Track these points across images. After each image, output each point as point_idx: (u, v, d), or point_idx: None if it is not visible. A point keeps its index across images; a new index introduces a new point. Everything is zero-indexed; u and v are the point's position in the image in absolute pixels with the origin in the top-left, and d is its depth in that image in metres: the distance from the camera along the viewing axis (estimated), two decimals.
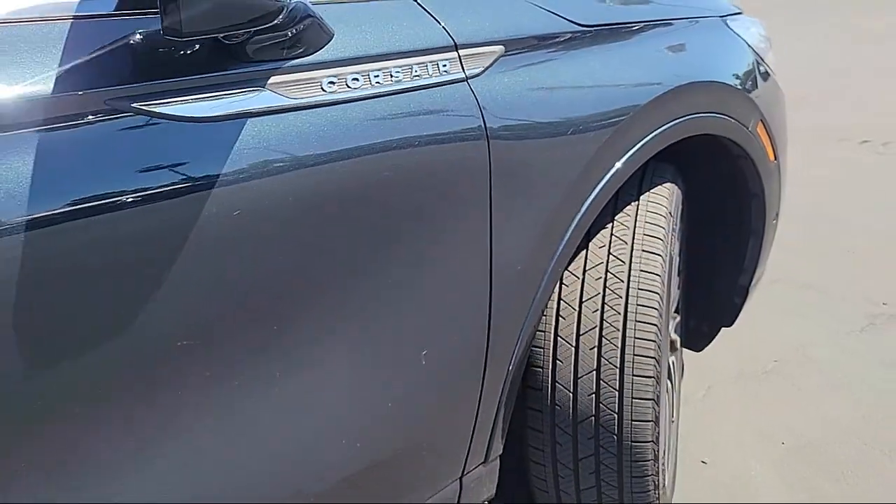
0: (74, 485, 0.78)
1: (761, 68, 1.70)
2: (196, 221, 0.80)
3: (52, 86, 0.72)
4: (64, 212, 0.71)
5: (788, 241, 3.00)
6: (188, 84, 0.81)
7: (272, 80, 0.86)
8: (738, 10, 1.81)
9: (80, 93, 0.74)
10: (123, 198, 0.75)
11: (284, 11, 0.78)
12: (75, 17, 0.77)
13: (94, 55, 0.76)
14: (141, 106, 0.77)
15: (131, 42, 0.78)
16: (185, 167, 0.80)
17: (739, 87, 1.55)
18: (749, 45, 1.68)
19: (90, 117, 0.74)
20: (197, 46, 0.81)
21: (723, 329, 2.04)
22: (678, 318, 1.83)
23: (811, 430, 1.96)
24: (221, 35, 0.78)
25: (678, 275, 1.73)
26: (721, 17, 1.68)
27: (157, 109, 0.78)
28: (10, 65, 0.72)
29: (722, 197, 1.79)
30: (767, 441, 1.93)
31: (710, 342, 2.03)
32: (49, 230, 0.71)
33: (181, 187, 0.79)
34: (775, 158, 1.72)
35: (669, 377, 1.72)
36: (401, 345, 1.06)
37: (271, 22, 0.78)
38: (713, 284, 1.92)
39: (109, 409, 0.79)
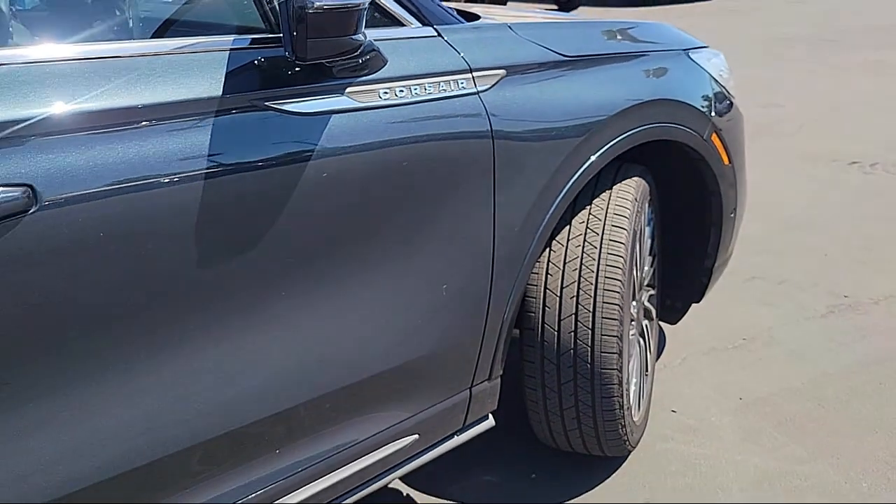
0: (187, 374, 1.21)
1: (717, 90, 2.14)
2: (298, 180, 1.26)
3: (221, 90, 1.19)
4: (226, 167, 1.17)
5: (770, 245, 3.42)
6: (297, 91, 1.27)
7: (348, 89, 1.32)
8: (703, 45, 2.26)
9: (235, 94, 1.20)
10: (256, 162, 1.21)
11: (361, 47, 1.25)
12: (232, 49, 1.23)
13: (244, 71, 1.22)
14: (270, 104, 1.23)
15: (265, 63, 1.25)
16: (293, 145, 1.26)
17: (693, 104, 1.99)
18: (707, 72, 2.12)
19: (241, 111, 1.20)
20: (305, 67, 1.27)
21: (693, 306, 2.46)
22: (653, 292, 2.25)
23: (766, 390, 2.36)
24: (325, 61, 1.24)
25: (650, 254, 2.16)
26: (684, 49, 2.12)
27: (279, 107, 1.24)
28: (199, 77, 1.18)
29: (688, 194, 2.22)
30: (728, 397, 2.33)
31: (682, 316, 2.44)
32: (217, 180, 1.16)
33: (289, 158, 1.25)
34: (730, 163, 2.15)
35: (643, 335, 2.14)
36: (429, 280, 1.51)
37: (353, 54, 1.25)
38: (684, 267, 2.33)
39: (230, 312, 1.23)
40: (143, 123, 1.11)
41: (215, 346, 1.22)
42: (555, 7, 12.80)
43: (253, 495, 1.33)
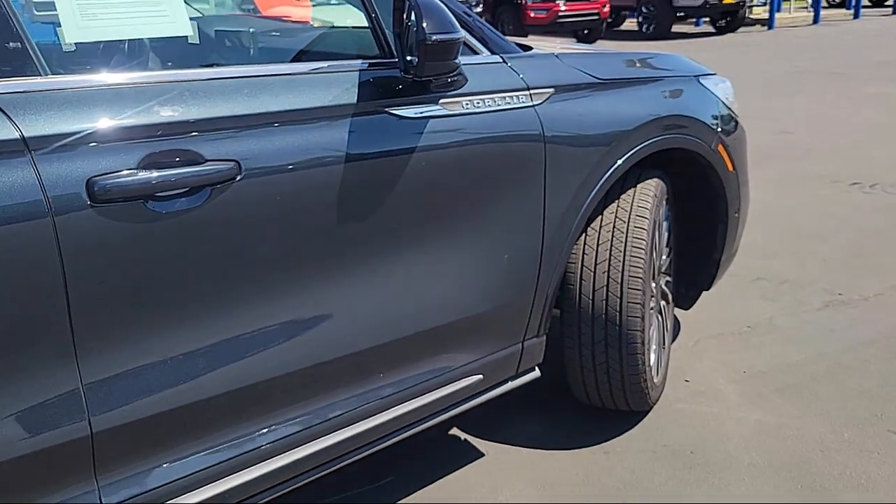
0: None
1: (723, 110, 2.58)
2: (406, 166, 1.70)
3: (355, 98, 1.64)
4: (359, 154, 1.62)
5: (774, 251, 3.83)
6: (405, 101, 1.72)
7: (441, 100, 1.77)
8: (711, 73, 2.70)
9: (364, 102, 1.65)
10: (378, 150, 1.66)
11: (457, 68, 1.71)
12: (360, 70, 1.69)
13: (368, 86, 1.68)
14: (387, 110, 1.69)
15: (382, 80, 1.71)
16: (403, 140, 1.71)
17: (702, 119, 2.43)
18: (714, 95, 2.57)
19: (368, 114, 1.66)
20: (411, 83, 1.72)
21: (705, 299, 2.88)
22: (669, 279, 2.67)
23: (766, 366, 2.76)
24: (425, 78, 1.70)
25: (667, 246, 2.58)
26: (695, 76, 2.57)
27: (393, 112, 1.70)
28: (340, 89, 1.64)
29: (699, 196, 2.64)
30: (733, 371, 2.74)
31: (694, 302, 2.86)
32: (352, 163, 1.61)
33: (399, 149, 1.70)
34: (733, 170, 2.58)
35: (661, 313, 2.56)
36: (495, 250, 1.95)
37: (450, 73, 1.70)
38: (695, 259, 2.75)
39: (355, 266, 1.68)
40: (304, 120, 1.57)
41: (345, 289, 1.66)
42: (574, 40, 13.36)
43: (365, 406, 1.76)
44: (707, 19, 16.29)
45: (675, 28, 15.56)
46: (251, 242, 1.50)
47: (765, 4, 16.71)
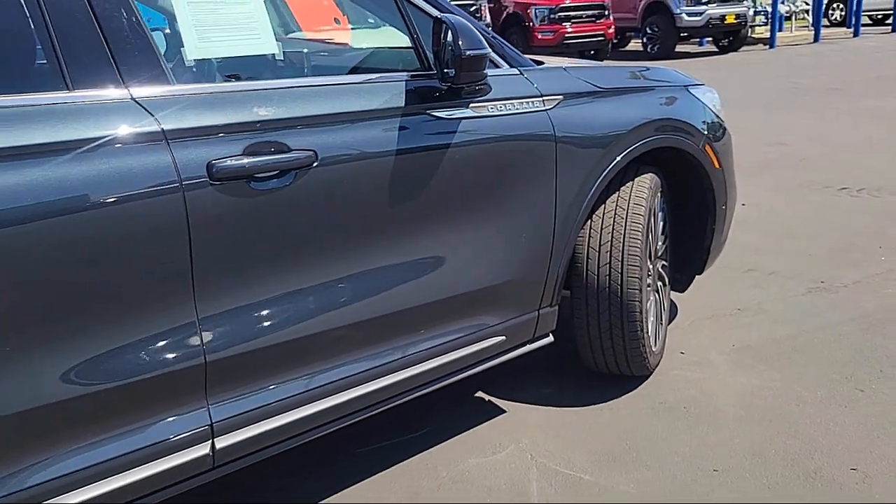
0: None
1: (709, 114, 2.97)
2: (443, 157, 2.10)
3: (403, 102, 2.04)
4: (408, 147, 2.02)
5: (766, 248, 4.20)
6: (442, 105, 2.12)
7: (471, 104, 2.18)
8: (700, 83, 3.10)
9: (410, 105, 2.05)
10: (422, 144, 2.06)
11: (485, 78, 2.11)
12: (406, 80, 2.09)
13: (413, 92, 2.08)
14: (428, 112, 2.09)
15: (423, 88, 2.11)
16: (441, 137, 2.11)
17: (691, 122, 2.82)
18: (701, 102, 2.96)
19: (413, 115, 2.06)
20: (446, 90, 2.12)
21: (699, 287, 3.26)
22: (665, 263, 3.04)
23: (754, 341, 3.12)
24: (460, 85, 2.10)
25: (662, 233, 2.96)
26: (685, 86, 2.97)
27: (433, 113, 2.10)
28: (391, 95, 2.04)
29: (691, 190, 3.02)
30: (724, 345, 3.10)
31: (688, 286, 3.23)
32: (402, 156, 2.01)
33: (438, 143, 2.10)
34: (720, 167, 2.96)
35: (658, 291, 2.93)
36: (515, 229, 2.34)
37: (480, 82, 2.10)
38: (689, 247, 3.13)
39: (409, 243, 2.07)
40: (363, 119, 1.98)
41: (396, 256, 2.06)
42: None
43: (411, 356, 2.14)
44: (710, 39, 16.72)
45: (679, 48, 16.01)
46: (325, 215, 1.90)
47: (766, 24, 17.14)
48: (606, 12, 14.78)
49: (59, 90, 1.60)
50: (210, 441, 1.81)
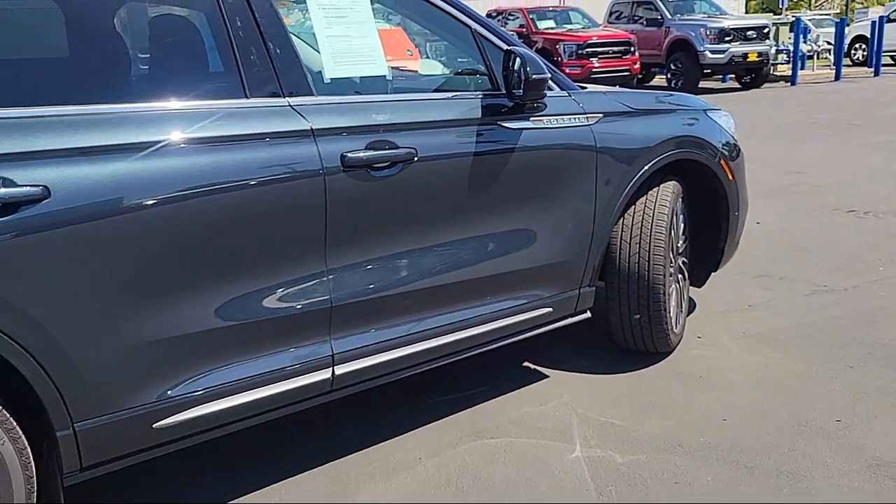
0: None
1: (725, 135, 3.52)
2: (508, 160, 2.67)
3: (480, 115, 2.62)
4: (482, 151, 2.59)
5: (777, 258, 4.71)
6: (509, 118, 2.70)
7: (531, 118, 2.75)
8: (717, 108, 3.65)
9: (483, 117, 2.63)
10: (493, 149, 2.63)
11: (545, 97, 2.69)
12: (480, 97, 2.67)
13: (486, 107, 2.65)
14: (498, 122, 2.67)
15: (494, 104, 2.68)
16: (508, 143, 2.68)
17: (708, 140, 3.36)
18: (717, 123, 3.51)
19: (486, 125, 2.63)
20: (512, 106, 2.69)
21: (714, 288, 3.79)
22: (685, 259, 3.57)
23: (762, 330, 3.63)
24: (525, 102, 2.67)
25: (683, 234, 3.49)
26: (703, 109, 3.53)
27: (502, 124, 2.67)
28: (470, 108, 2.62)
29: (708, 198, 3.55)
30: (735, 332, 3.61)
31: (705, 282, 3.75)
32: (479, 157, 2.58)
33: (505, 148, 2.67)
34: (733, 179, 3.50)
35: (678, 281, 3.45)
36: (563, 220, 2.89)
37: (540, 100, 2.68)
38: (706, 247, 3.65)
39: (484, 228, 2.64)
40: (449, 126, 2.55)
41: (473, 234, 2.62)
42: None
43: (479, 316, 2.69)
44: (733, 76, 17.28)
45: (702, 84, 16.57)
46: (422, 198, 2.47)
47: (789, 62, 17.68)
48: (632, 49, 15.43)
49: (241, 97, 2.19)
50: (331, 368, 2.37)
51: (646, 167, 3.11)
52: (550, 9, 17.88)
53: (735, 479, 2.46)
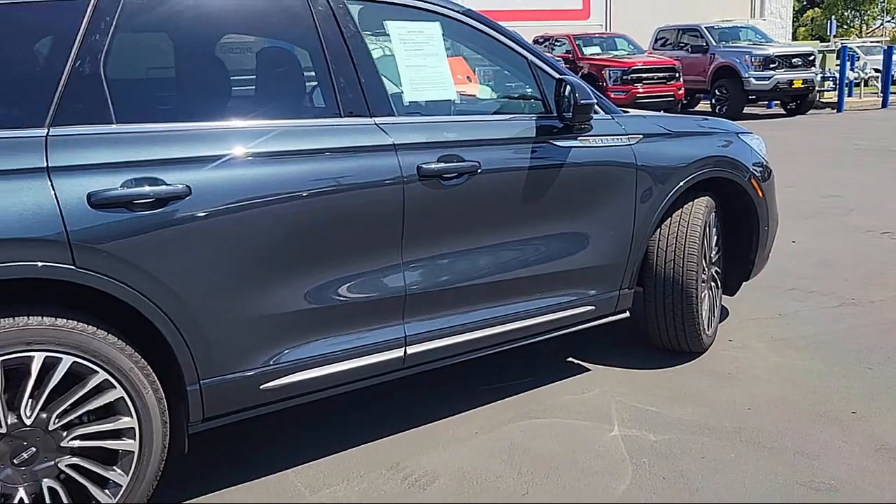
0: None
1: (755, 156, 3.86)
2: (559, 173, 3.07)
3: (534, 134, 3.03)
4: (537, 165, 3.00)
5: (808, 274, 4.99)
6: (559, 137, 3.09)
7: (579, 138, 3.14)
8: (749, 131, 4.00)
9: (537, 136, 3.03)
10: (546, 164, 3.03)
11: (591, 119, 3.08)
12: (535, 119, 3.08)
13: (540, 128, 3.05)
14: (549, 141, 3.06)
15: (546, 125, 3.08)
16: (558, 159, 3.07)
17: (740, 160, 3.71)
18: (749, 145, 3.85)
19: (540, 143, 3.03)
20: (562, 127, 3.09)
21: (746, 299, 4.11)
22: (718, 269, 3.90)
23: (789, 335, 3.93)
24: (574, 124, 3.07)
25: (716, 245, 3.82)
26: (735, 132, 3.88)
27: (553, 142, 3.07)
28: (526, 128, 3.03)
29: (741, 213, 3.89)
30: (764, 337, 3.92)
31: (737, 290, 4.07)
32: (534, 171, 2.98)
33: (556, 163, 3.07)
34: (762, 196, 3.83)
35: (711, 288, 3.79)
36: (606, 228, 3.27)
37: (587, 122, 3.08)
38: (738, 258, 3.98)
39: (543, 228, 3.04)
40: (507, 143, 2.96)
41: (528, 237, 3.02)
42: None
43: (532, 309, 3.07)
44: (778, 102, 17.42)
45: (747, 110, 16.76)
46: (484, 205, 2.87)
47: (835, 89, 17.75)
48: (677, 75, 15.72)
49: (337, 117, 2.63)
50: (403, 348, 2.77)
51: (681, 183, 3.47)
52: (596, 35, 18.27)
53: (755, 456, 2.78)
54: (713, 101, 16.65)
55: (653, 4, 20.31)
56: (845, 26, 44.37)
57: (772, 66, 15.90)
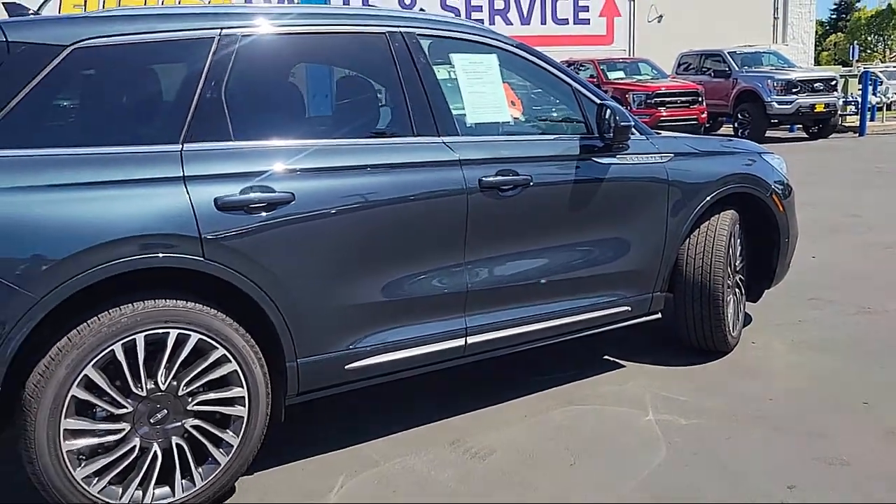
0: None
1: (776, 174, 4.23)
2: (599, 187, 3.47)
3: (578, 151, 3.44)
4: (581, 178, 3.40)
5: (829, 285, 5.33)
6: (600, 155, 3.50)
7: (617, 156, 3.54)
8: (770, 152, 4.38)
9: (580, 153, 3.44)
10: (588, 178, 3.44)
11: (630, 140, 3.49)
12: (579, 139, 3.49)
13: (582, 146, 3.46)
14: (591, 158, 3.47)
15: (588, 144, 3.49)
16: (599, 174, 3.48)
17: (762, 177, 4.09)
18: (771, 164, 4.23)
19: (583, 160, 3.44)
20: (603, 146, 3.50)
21: (769, 307, 4.47)
22: (742, 277, 4.26)
23: (809, 339, 4.28)
24: (614, 143, 3.48)
25: (740, 255, 4.19)
26: (758, 152, 4.27)
27: (594, 159, 3.48)
28: (570, 147, 3.43)
29: (763, 226, 4.25)
30: (785, 339, 4.27)
31: (760, 297, 4.43)
32: (579, 185, 3.39)
33: (597, 177, 3.47)
34: (783, 211, 4.20)
35: (735, 294, 4.15)
36: (641, 236, 3.66)
37: (626, 142, 3.48)
38: (760, 268, 4.34)
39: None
40: (555, 160, 3.38)
41: (571, 241, 3.41)
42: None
43: (573, 307, 3.46)
44: (800, 125, 17.71)
45: (769, 133, 17.07)
46: (535, 213, 3.28)
47: (857, 113, 18.02)
48: (700, 98, 16.09)
49: (409, 136, 3.06)
50: (464, 338, 3.17)
51: (708, 198, 3.86)
52: (620, 60, 18.71)
53: (775, 437, 3.14)
54: (735, 125, 16.97)
55: (676, 30, 20.74)
56: (868, 51, 44.53)
57: (794, 90, 16.21)
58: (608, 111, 3.41)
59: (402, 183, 2.96)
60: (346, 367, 2.91)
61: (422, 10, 18.50)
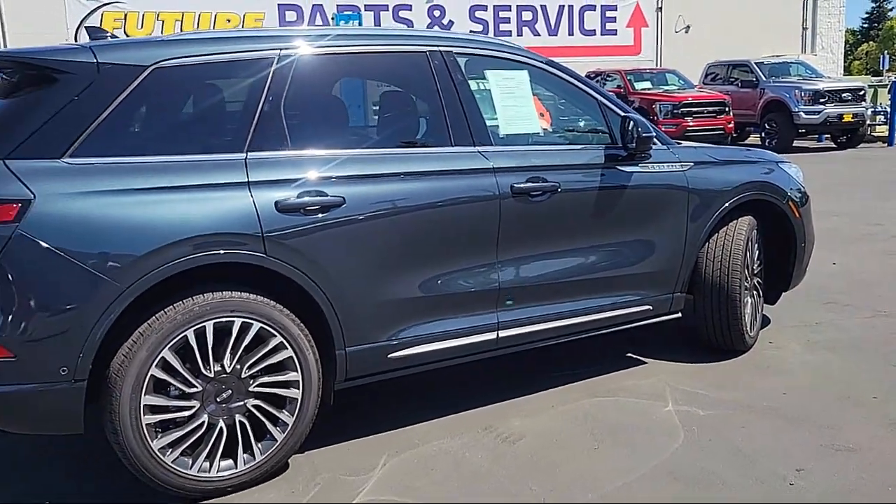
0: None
1: (793, 182, 4.45)
2: (623, 193, 3.73)
3: (602, 160, 3.70)
4: (605, 185, 3.66)
5: (846, 290, 5.51)
6: (623, 163, 3.75)
7: (640, 164, 3.80)
8: (787, 161, 4.60)
9: (606, 162, 3.70)
10: (613, 185, 3.70)
11: (651, 149, 3.75)
12: (603, 149, 3.75)
13: (608, 155, 3.73)
14: (615, 167, 3.73)
15: (612, 153, 3.75)
16: (623, 181, 3.73)
17: (778, 185, 4.31)
18: (787, 173, 4.45)
19: (608, 168, 3.70)
20: (626, 155, 3.75)
21: (787, 309, 4.68)
22: (759, 280, 4.47)
23: (825, 340, 4.48)
24: (636, 153, 3.73)
25: (757, 259, 4.41)
26: (776, 161, 4.49)
27: (618, 168, 3.74)
28: (594, 156, 3.70)
29: (780, 232, 4.47)
30: (801, 339, 4.47)
31: (777, 300, 4.64)
32: (604, 191, 3.65)
33: (621, 185, 3.73)
34: (799, 217, 4.41)
35: (752, 296, 4.37)
36: (662, 239, 3.91)
37: (647, 151, 3.74)
38: (778, 271, 4.56)
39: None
40: (581, 168, 3.64)
41: (595, 244, 3.68)
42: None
43: (596, 304, 3.72)
44: (828, 136, 17.72)
45: (797, 143, 17.13)
46: (563, 217, 3.54)
47: (886, 123, 17.99)
48: (726, 108, 16.22)
49: (447, 146, 3.35)
50: (496, 332, 3.44)
51: (726, 204, 4.09)
52: (647, 70, 18.89)
53: (788, 427, 3.36)
54: (763, 135, 17.05)
55: (703, 40, 20.87)
56: None
57: (822, 100, 16.26)
58: (631, 122, 3.67)
59: (440, 188, 3.24)
60: (389, 355, 3.19)
61: (451, 21, 18.96)
